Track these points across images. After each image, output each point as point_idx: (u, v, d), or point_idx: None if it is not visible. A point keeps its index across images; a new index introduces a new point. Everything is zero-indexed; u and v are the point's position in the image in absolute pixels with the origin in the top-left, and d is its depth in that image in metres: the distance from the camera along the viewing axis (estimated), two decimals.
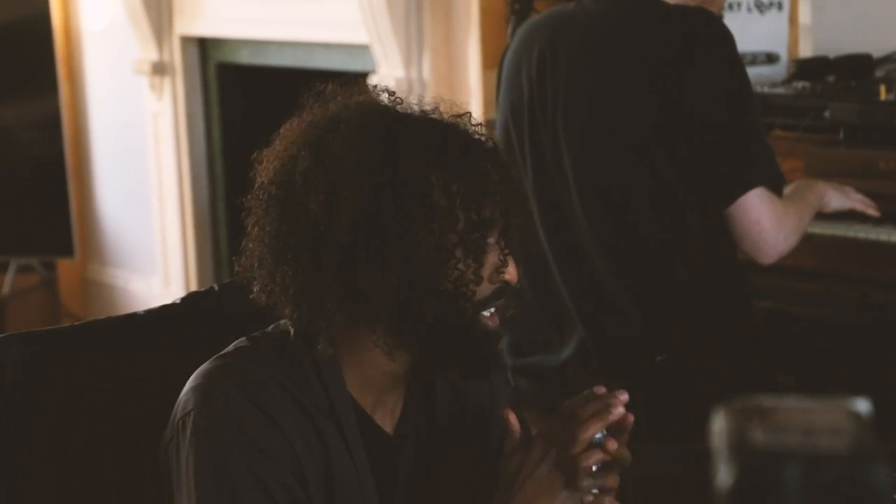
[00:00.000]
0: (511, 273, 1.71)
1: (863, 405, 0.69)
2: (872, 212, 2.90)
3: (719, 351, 2.59)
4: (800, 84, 3.37)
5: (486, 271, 1.68)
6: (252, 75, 5.38)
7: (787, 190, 2.70)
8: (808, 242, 2.84)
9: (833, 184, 2.84)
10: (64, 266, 5.99)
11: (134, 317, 1.93)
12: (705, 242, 2.59)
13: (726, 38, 2.57)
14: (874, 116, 3.09)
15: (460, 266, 1.65)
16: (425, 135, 1.67)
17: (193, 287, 5.52)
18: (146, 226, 5.75)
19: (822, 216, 2.92)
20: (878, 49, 3.47)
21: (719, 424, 0.70)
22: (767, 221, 2.54)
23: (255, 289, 1.72)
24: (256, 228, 1.71)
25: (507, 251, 1.70)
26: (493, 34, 4.23)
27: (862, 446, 0.64)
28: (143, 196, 5.73)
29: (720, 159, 2.53)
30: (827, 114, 3.18)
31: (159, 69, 5.44)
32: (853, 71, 3.39)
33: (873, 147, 3.07)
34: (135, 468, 1.87)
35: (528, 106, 2.66)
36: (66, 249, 5.69)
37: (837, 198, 2.84)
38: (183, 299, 1.98)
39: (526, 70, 2.69)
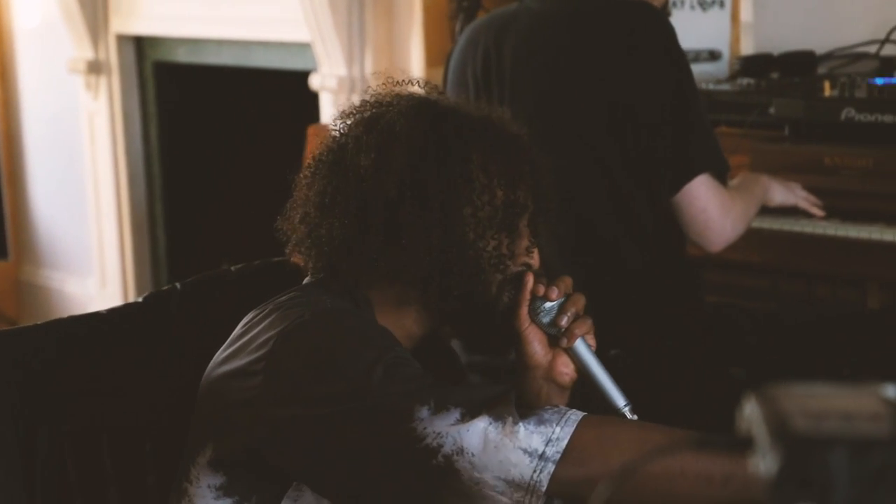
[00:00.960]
0: (536, 259, 1.80)
1: (892, 391, 0.69)
2: (816, 211, 2.94)
3: (672, 345, 2.61)
4: (744, 81, 3.40)
5: (518, 250, 1.77)
6: (190, 74, 5.33)
7: (733, 183, 2.74)
8: (754, 237, 2.87)
9: (778, 179, 2.87)
10: None
11: (97, 315, 1.91)
12: (656, 236, 2.62)
13: (667, 29, 2.61)
14: (819, 112, 3.12)
15: (496, 238, 1.74)
16: (469, 118, 1.78)
17: (131, 288, 5.47)
18: (82, 226, 5.68)
19: (768, 211, 2.95)
20: (819, 46, 3.51)
21: (752, 411, 0.70)
22: (714, 209, 2.59)
23: (290, 246, 1.81)
24: (303, 192, 1.80)
25: (534, 238, 1.80)
26: (436, 32, 4.23)
27: None
28: (79, 196, 5.66)
29: (665, 150, 2.57)
30: (772, 110, 3.21)
31: (95, 68, 5.38)
32: (797, 68, 3.42)
33: (818, 143, 3.10)
34: (97, 467, 1.86)
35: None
36: (0, 251, 5.61)
37: (781, 192, 2.88)
38: (145, 298, 1.96)
39: (471, 69, 2.72)
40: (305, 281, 1.83)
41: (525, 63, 2.64)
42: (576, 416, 1.64)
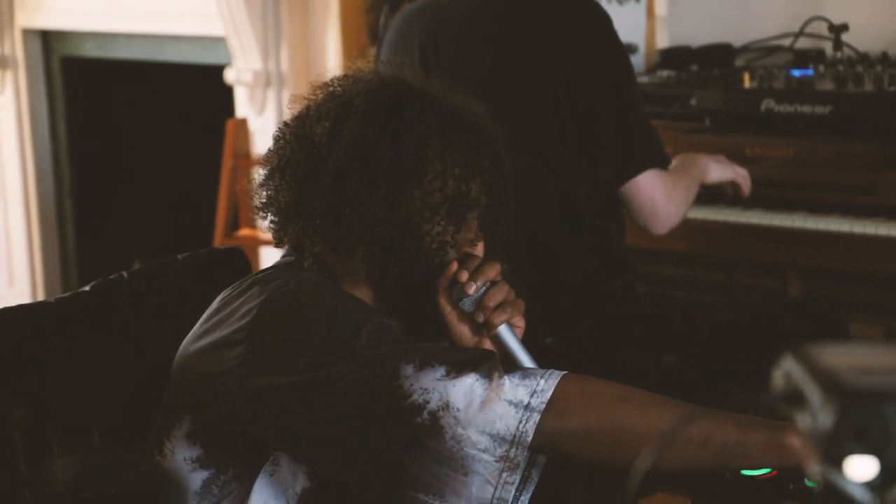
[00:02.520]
0: (479, 251, 1.82)
1: None
2: (746, 188, 2.95)
3: (605, 333, 2.64)
4: (664, 73, 3.45)
5: (462, 240, 1.79)
6: (98, 69, 5.27)
7: (672, 163, 2.77)
8: (679, 226, 2.91)
9: (714, 156, 2.90)
10: None
11: (44, 304, 1.89)
12: (595, 228, 2.64)
13: (606, 21, 2.62)
14: (739, 103, 3.18)
15: (441, 224, 1.75)
16: (436, 106, 1.80)
17: (40, 287, 5.40)
18: None
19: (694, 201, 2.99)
20: (734, 39, 3.56)
21: (793, 370, 0.72)
22: (659, 196, 2.63)
23: (256, 205, 1.82)
24: (266, 156, 1.83)
25: (480, 232, 1.81)
26: (353, 26, 4.23)
27: None
28: None
29: (610, 144, 2.59)
30: (693, 102, 3.26)
31: (0, 63, 5.30)
32: (715, 60, 3.48)
33: (739, 133, 3.15)
34: (46, 456, 1.84)
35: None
36: None
37: (717, 169, 2.89)
38: (93, 286, 1.95)
39: (408, 57, 2.68)
40: (278, 261, 1.84)
41: (463, 57, 2.63)
42: (559, 372, 1.68)
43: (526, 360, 1.80)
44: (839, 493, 0.68)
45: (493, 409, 1.61)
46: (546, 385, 1.64)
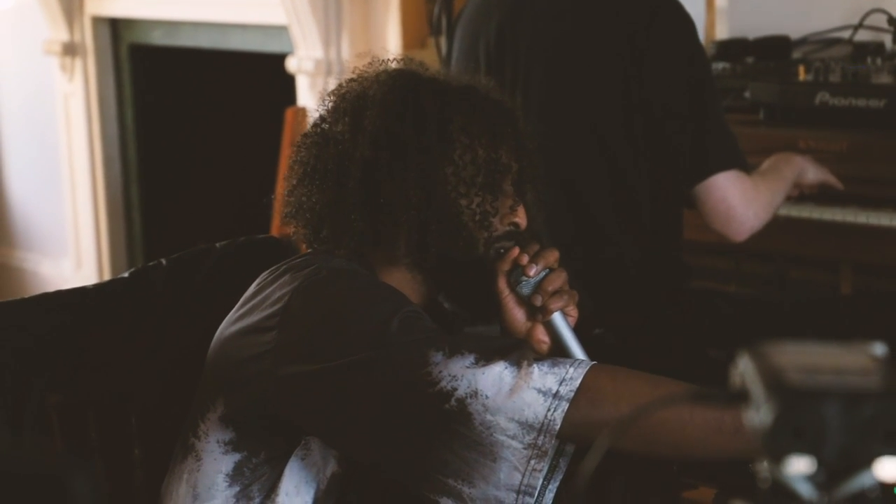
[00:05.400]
0: (521, 216, 1.84)
1: (880, 349, 0.72)
2: (838, 184, 2.91)
3: (654, 326, 2.63)
4: (720, 65, 3.43)
5: (502, 209, 1.81)
6: (165, 56, 5.33)
7: (764, 164, 2.73)
8: None
9: (808, 157, 2.86)
10: None
11: (83, 290, 1.93)
12: (652, 224, 2.61)
13: (686, 20, 2.58)
14: (794, 96, 3.16)
15: (479, 195, 1.77)
16: (449, 85, 1.82)
17: (106, 270, 5.47)
18: (57, 208, 5.68)
19: None
20: (793, 31, 3.54)
21: (745, 367, 0.73)
22: (735, 199, 2.57)
23: (281, 219, 1.86)
24: (290, 168, 1.85)
25: (517, 198, 1.83)
26: (413, 15, 4.25)
27: (893, 384, 0.68)
28: (54, 178, 5.65)
29: (684, 144, 2.55)
30: (747, 94, 3.24)
31: (70, 50, 5.37)
32: (771, 52, 3.45)
33: (793, 126, 3.13)
34: (84, 440, 1.88)
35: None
36: None
37: (814, 170, 2.86)
38: (131, 273, 1.98)
39: (484, 43, 2.68)
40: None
41: (540, 46, 2.61)
42: (588, 361, 1.69)
43: (577, 349, 1.80)
44: (786, 490, 0.69)
45: (522, 396, 1.62)
46: (575, 373, 1.64)
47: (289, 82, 4.67)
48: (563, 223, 2.61)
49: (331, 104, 1.84)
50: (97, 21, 5.35)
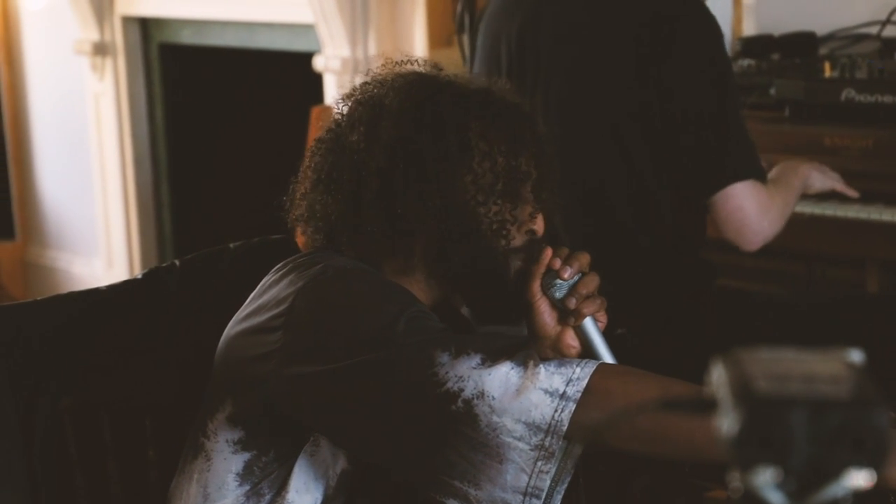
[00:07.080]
0: (539, 224, 1.82)
1: (856, 355, 0.71)
2: (852, 192, 2.88)
3: (678, 326, 2.61)
4: (745, 62, 3.41)
5: (521, 216, 1.79)
6: (194, 55, 5.35)
7: (772, 173, 2.69)
8: None
9: (813, 163, 2.82)
10: (4, 249, 5.94)
11: (97, 291, 1.93)
12: (674, 225, 2.59)
13: (710, 22, 2.54)
14: (819, 93, 3.14)
15: (498, 203, 1.76)
16: (466, 90, 1.80)
17: (137, 269, 5.50)
18: (88, 208, 5.71)
19: None
20: (820, 27, 3.51)
21: (718, 374, 0.72)
22: (751, 209, 2.54)
23: (292, 223, 1.86)
24: (304, 171, 1.84)
25: (537, 205, 1.81)
26: (439, 13, 4.24)
27: (862, 392, 0.67)
28: (85, 178, 5.68)
29: (702, 151, 2.52)
30: (773, 91, 3.22)
31: (100, 49, 5.40)
32: (797, 49, 3.42)
33: (818, 123, 3.11)
34: (97, 441, 1.88)
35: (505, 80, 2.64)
36: (7, 232, 5.65)
37: (819, 179, 2.81)
38: (145, 274, 1.98)
39: (506, 41, 2.66)
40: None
41: (562, 47, 2.59)
42: (594, 361, 1.67)
43: (606, 354, 1.78)
44: (757, 499, 0.68)
45: (528, 397, 1.61)
46: (582, 374, 1.63)
47: (316, 81, 4.67)
48: (583, 225, 2.59)
49: (345, 109, 1.83)
50: (127, 21, 5.37)
